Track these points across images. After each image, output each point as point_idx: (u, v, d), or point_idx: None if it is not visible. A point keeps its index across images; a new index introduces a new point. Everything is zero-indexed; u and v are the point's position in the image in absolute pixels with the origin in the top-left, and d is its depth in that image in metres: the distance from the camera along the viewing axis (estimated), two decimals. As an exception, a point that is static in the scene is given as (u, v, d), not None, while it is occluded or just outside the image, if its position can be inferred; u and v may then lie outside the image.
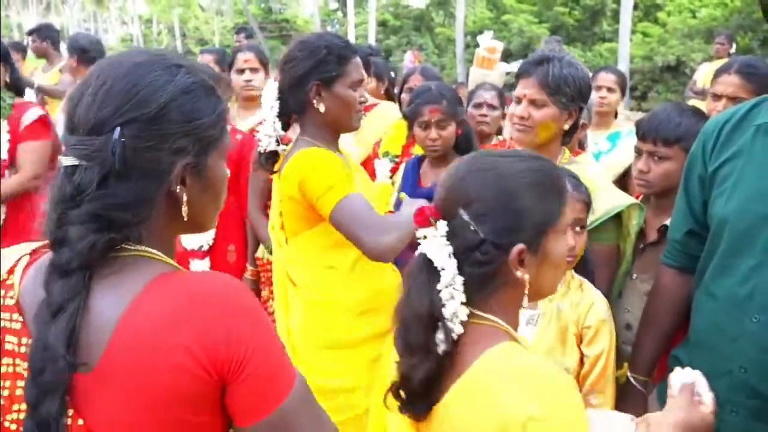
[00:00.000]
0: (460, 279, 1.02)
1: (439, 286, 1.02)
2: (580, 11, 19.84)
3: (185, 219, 0.93)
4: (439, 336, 1.01)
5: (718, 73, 2.52)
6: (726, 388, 1.42)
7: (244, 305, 0.88)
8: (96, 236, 0.84)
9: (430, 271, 1.03)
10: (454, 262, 1.02)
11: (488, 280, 1.04)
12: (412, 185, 2.49)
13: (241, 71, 3.34)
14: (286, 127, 1.90)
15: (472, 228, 1.02)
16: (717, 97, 2.47)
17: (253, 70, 3.33)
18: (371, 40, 19.88)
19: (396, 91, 3.83)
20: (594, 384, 1.62)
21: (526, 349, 1.11)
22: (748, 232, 1.39)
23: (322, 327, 1.87)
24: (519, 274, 1.04)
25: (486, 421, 0.95)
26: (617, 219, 1.89)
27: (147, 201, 0.89)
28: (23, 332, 0.88)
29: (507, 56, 15.70)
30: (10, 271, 0.93)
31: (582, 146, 2.85)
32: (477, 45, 5.52)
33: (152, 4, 35.42)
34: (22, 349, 0.87)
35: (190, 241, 2.88)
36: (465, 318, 1.02)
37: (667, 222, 1.85)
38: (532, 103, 1.87)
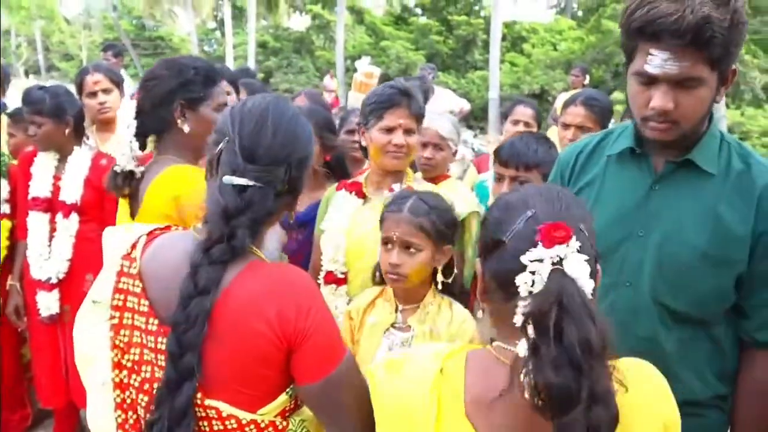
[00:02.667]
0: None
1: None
2: (453, 40, 20.81)
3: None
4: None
5: (566, 105, 2.78)
6: None
7: (309, 290, 1.14)
8: (248, 235, 1.13)
9: (580, 292, 0.93)
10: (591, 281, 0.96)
11: None
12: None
13: (93, 94, 3.15)
14: (143, 147, 1.82)
15: (591, 243, 1.02)
16: (566, 126, 2.72)
17: (106, 90, 3.16)
18: (251, 62, 19.65)
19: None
20: None
21: None
22: (605, 253, 1.47)
23: None
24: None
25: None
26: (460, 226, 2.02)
27: (281, 211, 1.24)
28: (142, 295, 1.18)
29: (385, 81, 16.04)
30: (133, 247, 1.23)
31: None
32: (356, 69, 5.63)
33: (10, 14, 32.80)
34: (142, 309, 1.18)
35: (38, 272, 2.68)
36: None
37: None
38: (407, 131, 2.00)
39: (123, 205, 1.86)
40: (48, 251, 2.71)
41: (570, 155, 1.66)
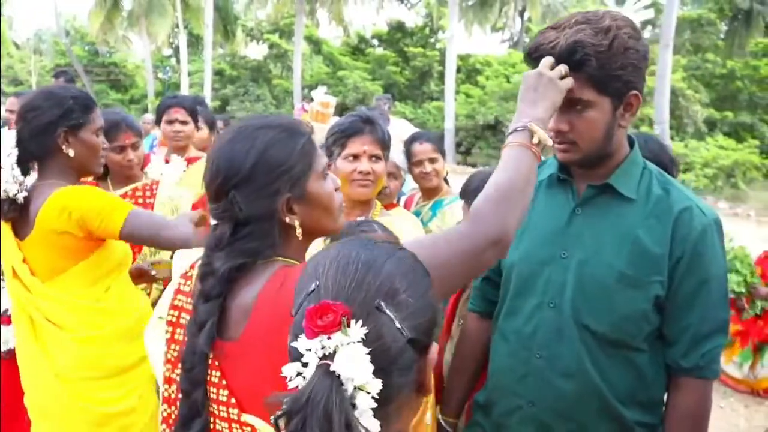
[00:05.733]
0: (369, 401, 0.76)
1: (356, 412, 0.75)
2: (410, 71, 21.19)
3: (300, 239, 1.19)
4: None
5: None
6: (517, 423, 1.54)
7: None
8: (233, 262, 1.13)
9: (339, 391, 0.74)
10: (378, 380, 0.76)
11: (409, 390, 0.82)
12: None
13: None
14: (26, 172, 1.92)
15: (397, 326, 0.78)
16: None
17: None
18: (207, 89, 19.55)
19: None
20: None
21: None
22: (531, 274, 1.52)
23: (97, 360, 1.95)
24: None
25: None
26: None
27: (267, 234, 1.16)
28: (192, 313, 1.18)
29: (342, 110, 16.18)
30: (192, 266, 1.27)
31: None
32: (313, 99, 5.66)
33: (-45, 38, 31.91)
34: None
35: None
36: None
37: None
38: (372, 157, 1.97)
39: (6, 229, 1.93)
40: (2, 285, 2.61)
41: None
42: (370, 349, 0.75)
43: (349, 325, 0.76)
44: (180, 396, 1.17)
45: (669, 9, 11.76)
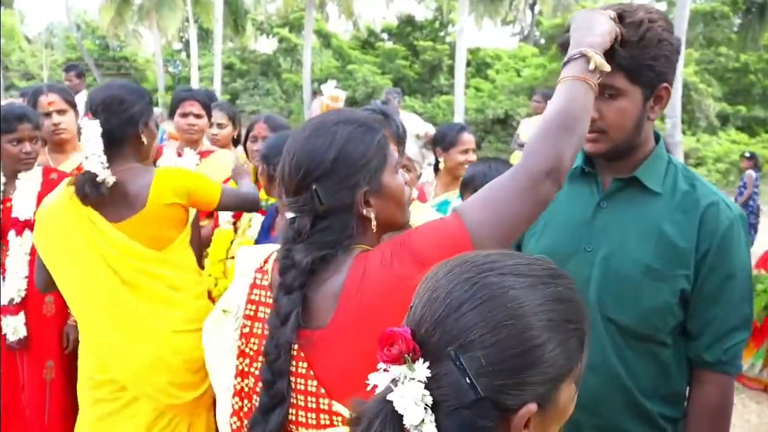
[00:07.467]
0: None
1: None
2: (419, 65, 21.11)
3: (374, 231, 1.21)
4: None
5: None
6: None
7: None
8: (315, 254, 1.15)
9: (395, 427, 0.74)
10: (432, 419, 0.74)
11: None
12: (265, 232, 2.47)
13: (47, 115, 3.02)
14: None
15: (468, 381, 0.73)
16: None
17: (60, 111, 2.99)
18: (216, 83, 19.58)
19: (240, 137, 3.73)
20: None
21: None
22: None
23: (203, 312, 2.09)
24: None
25: None
26: None
27: (346, 226, 1.18)
28: (272, 306, 1.20)
29: (352, 104, 16.18)
30: (266, 261, 1.29)
31: None
32: (323, 93, 5.67)
33: (-32, 32, 32.09)
34: None
35: None
36: None
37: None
38: None
39: (96, 216, 2.05)
40: (2, 276, 2.62)
41: None
42: (429, 393, 0.73)
43: (414, 362, 0.74)
44: (258, 389, 1.18)
45: (682, 2, 11.63)
